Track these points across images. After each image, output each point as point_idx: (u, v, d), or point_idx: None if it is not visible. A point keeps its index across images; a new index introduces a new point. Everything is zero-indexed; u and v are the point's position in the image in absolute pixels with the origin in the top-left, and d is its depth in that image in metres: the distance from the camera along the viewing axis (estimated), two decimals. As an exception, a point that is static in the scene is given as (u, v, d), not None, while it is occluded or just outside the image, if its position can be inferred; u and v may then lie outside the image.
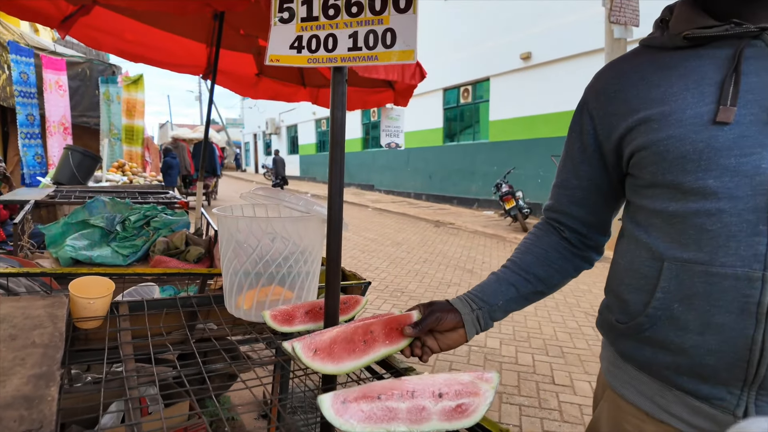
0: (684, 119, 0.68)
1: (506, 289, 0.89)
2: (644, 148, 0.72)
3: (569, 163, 0.88)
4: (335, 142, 0.94)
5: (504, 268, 0.93)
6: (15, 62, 5.66)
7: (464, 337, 0.87)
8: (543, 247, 0.92)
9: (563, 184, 0.90)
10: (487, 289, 0.90)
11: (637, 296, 0.75)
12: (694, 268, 0.66)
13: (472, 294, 0.90)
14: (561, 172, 0.91)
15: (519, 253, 0.94)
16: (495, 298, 0.89)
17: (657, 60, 0.75)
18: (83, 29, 2.86)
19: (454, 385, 0.66)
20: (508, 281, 0.90)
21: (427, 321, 0.84)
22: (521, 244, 0.96)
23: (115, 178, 4.94)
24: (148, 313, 1.10)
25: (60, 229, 2.40)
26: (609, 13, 6.33)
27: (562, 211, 0.91)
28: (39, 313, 0.86)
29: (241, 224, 1.09)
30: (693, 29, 0.70)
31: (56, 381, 0.62)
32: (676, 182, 0.68)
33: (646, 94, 0.73)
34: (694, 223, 0.66)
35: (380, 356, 0.80)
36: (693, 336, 0.67)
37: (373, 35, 0.88)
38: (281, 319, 1.00)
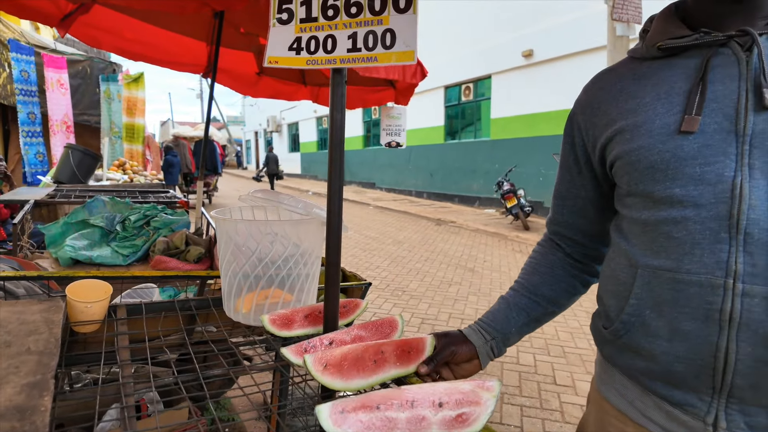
0: (653, 129, 0.69)
1: (517, 314, 0.89)
2: (619, 158, 0.73)
3: (566, 174, 0.89)
4: (334, 143, 0.93)
5: (512, 291, 0.92)
6: (15, 60, 5.65)
7: (479, 366, 0.87)
8: (548, 265, 0.91)
9: (563, 195, 0.91)
10: (499, 316, 0.89)
11: (615, 302, 0.77)
12: (663, 275, 0.67)
13: (485, 323, 0.89)
14: (559, 184, 0.91)
15: (526, 273, 0.93)
16: (507, 325, 0.88)
17: (636, 71, 0.76)
18: (83, 28, 2.85)
19: (455, 394, 0.65)
20: (518, 306, 0.89)
21: (441, 355, 0.84)
22: (527, 264, 0.95)
23: (115, 177, 4.94)
24: (146, 316, 1.10)
25: (60, 228, 2.39)
26: (611, 11, 6.29)
27: (563, 222, 0.91)
28: (35, 318, 0.85)
29: (239, 227, 1.08)
30: (666, 39, 0.71)
31: (50, 390, 0.61)
32: (648, 191, 0.69)
33: (624, 104, 0.74)
34: (663, 230, 0.68)
35: (390, 377, 0.79)
36: (662, 342, 0.68)
37: (373, 36, 0.87)
38: (280, 323, 0.99)
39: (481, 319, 0.91)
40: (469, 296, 4.65)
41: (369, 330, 0.92)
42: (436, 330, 3.74)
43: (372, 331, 0.92)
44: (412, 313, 4.15)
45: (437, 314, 4.12)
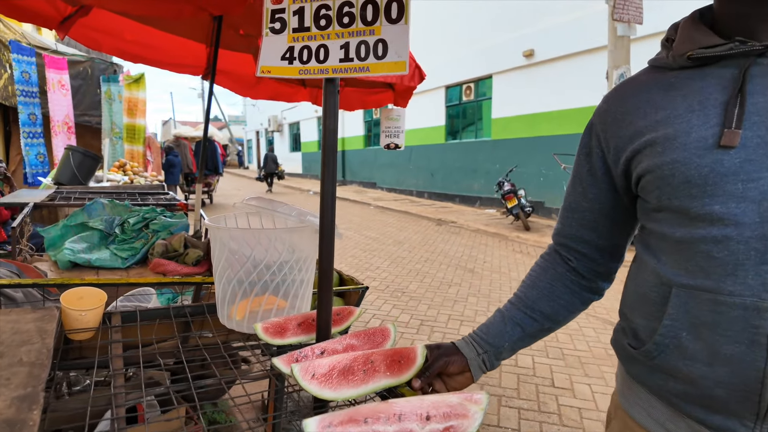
0: (688, 143, 0.66)
1: (512, 329, 0.87)
2: (649, 171, 0.70)
3: (578, 185, 0.85)
4: (327, 149, 0.93)
5: (510, 304, 0.91)
6: (17, 61, 5.66)
7: (471, 379, 0.86)
8: (549, 280, 0.89)
9: (573, 207, 0.87)
10: (493, 329, 0.88)
11: (646, 322, 0.74)
12: (702, 296, 0.64)
13: (478, 336, 0.89)
14: (570, 195, 0.88)
15: (525, 287, 0.91)
16: (501, 339, 0.87)
17: (662, 81, 0.73)
18: (82, 30, 2.86)
19: (443, 407, 0.65)
20: (513, 320, 0.88)
21: (434, 367, 0.83)
22: (527, 276, 0.93)
23: (116, 178, 4.95)
24: (141, 323, 1.10)
25: (59, 231, 2.40)
26: (612, 11, 6.28)
27: (571, 235, 0.88)
28: (28, 328, 0.85)
29: (233, 234, 1.09)
30: (697, 49, 0.68)
31: (39, 403, 0.61)
32: (683, 207, 0.66)
33: (652, 116, 0.71)
34: (701, 249, 0.64)
35: (380, 388, 0.79)
36: (701, 366, 0.65)
37: (365, 46, 0.87)
38: (273, 331, 0.99)
39: (476, 331, 0.90)
40: (469, 297, 4.65)
41: (361, 339, 0.93)
42: (435, 332, 3.74)
43: (364, 340, 0.93)
44: (411, 314, 4.15)
45: (436, 316, 4.12)
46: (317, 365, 0.77)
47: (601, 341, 3.57)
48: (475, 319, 4.04)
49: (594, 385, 2.90)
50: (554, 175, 9.12)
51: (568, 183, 0.89)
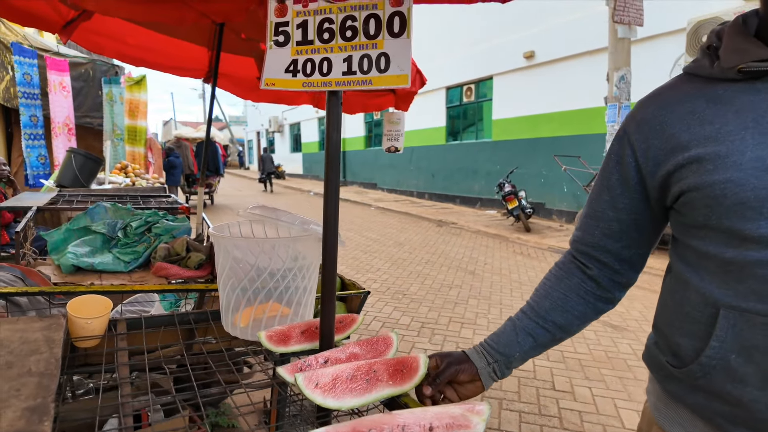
0: (743, 162, 0.63)
1: (523, 339, 0.87)
2: (696, 189, 0.67)
3: (606, 194, 0.82)
4: (330, 162, 0.94)
5: (522, 313, 0.89)
6: (18, 63, 5.68)
7: (481, 387, 0.86)
8: (563, 290, 0.87)
9: (598, 215, 0.84)
10: (504, 339, 0.88)
11: (689, 341, 0.72)
12: (755, 319, 0.62)
13: (489, 345, 0.88)
14: (595, 203, 0.85)
15: (538, 297, 0.89)
16: (511, 349, 0.86)
17: (707, 92, 0.70)
18: (85, 34, 2.87)
19: (445, 418, 0.66)
20: (525, 330, 0.87)
21: (444, 375, 0.84)
22: (541, 285, 0.91)
23: (117, 180, 4.96)
24: (146, 330, 1.11)
25: (62, 235, 2.41)
26: (612, 13, 6.29)
27: (594, 244, 0.85)
28: (36, 337, 0.87)
29: (238, 243, 1.10)
30: (750, 62, 0.65)
31: (50, 415, 0.63)
32: (734, 228, 0.64)
33: (698, 130, 0.68)
34: (755, 273, 0.62)
35: (383, 396, 0.80)
36: (753, 390, 0.63)
37: (368, 59, 0.88)
38: (277, 339, 1.00)
39: (486, 340, 0.89)
40: (470, 300, 4.66)
41: (364, 347, 0.94)
42: (436, 334, 3.75)
43: (367, 349, 0.94)
44: (412, 317, 4.16)
45: (437, 318, 4.13)
46: (320, 374, 0.78)
47: (601, 344, 3.58)
48: (475, 321, 4.05)
49: (594, 389, 2.91)
50: (555, 177, 9.13)
51: (593, 190, 0.86)
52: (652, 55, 7.39)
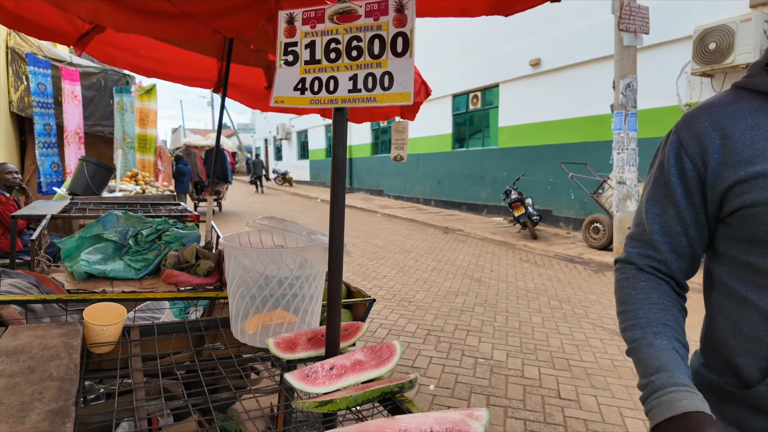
0: None
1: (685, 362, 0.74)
2: (761, 204, 0.67)
3: (671, 208, 0.79)
4: (337, 177, 0.98)
5: (667, 338, 0.74)
6: (33, 74, 5.82)
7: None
8: (669, 302, 0.79)
9: (665, 230, 0.80)
10: (683, 369, 0.70)
11: (751, 361, 0.70)
12: None
13: (686, 384, 0.67)
14: (659, 217, 0.81)
15: (659, 311, 0.77)
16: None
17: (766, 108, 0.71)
18: (98, 46, 2.96)
19: (445, 423, 0.69)
20: (685, 356, 0.74)
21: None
22: (645, 298, 0.79)
23: (128, 188, 5.05)
24: (158, 337, 1.15)
25: (75, 243, 2.47)
26: (618, 21, 6.32)
27: (664, 260, 0.81)
28: (55, 343, 0.91)
29: (247, 252, 1.14)
30: None
31: (72, 417, 0.66)
32: None
33: (764, 145, 0.68)
34: None
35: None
36: None
37: (372, 78, 0.92)
38: (284, 346, 1.04)
39: (684, 382, 0.67)
40: (476, 307, 4.67)
41: (368, 354, 0.97)
42: (442, 341, 3.76)
43: (371, 356, 0.97)
44: (418, 324, 4.18)
45: (443, 325, 4.14)
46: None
47: (607, 352, 3.58)
48: (481, 329, 4.06)
49: (600, 397, 2.91)
50: (562, 184, 9.12)
51: (651, 205, 0.82)
52: (659, 62, 7.39)
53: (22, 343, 0.89)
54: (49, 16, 2.47)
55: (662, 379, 0.67)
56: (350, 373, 0.91)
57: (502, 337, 3.88)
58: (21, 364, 0.81)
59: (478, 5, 1.78)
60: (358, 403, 0.83)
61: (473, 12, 1.80)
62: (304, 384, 0.86)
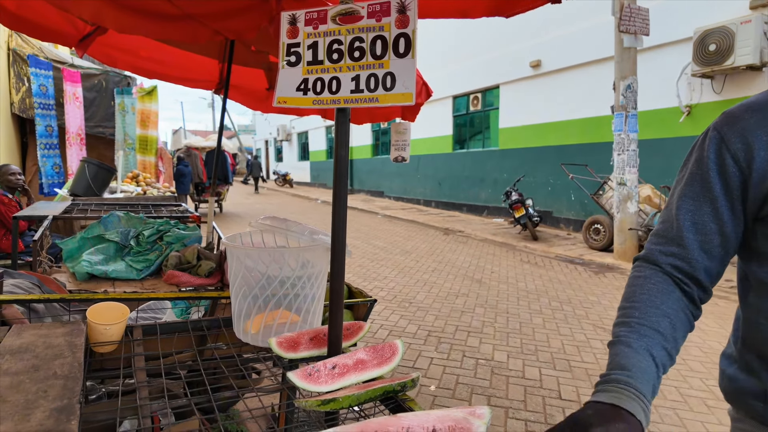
0: None
1: (660, 373, 0.70)
2: None
3: (707, 205, 0.77)
4: (339, 178, 0.98)
5: (650, 340, 0.71)
6: (34, 75, 5.83)
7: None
8: (675, 308, 0.75)
9: (698, 228, 0.77)
10: (648, 375, 0.67)
11: None
12: None
13: (637, 388, 0.63)
14: (692, 214, 0.78)
15: (654, 314, 0.73)
16: (653, 390, 0.67)
17: None
18: (100, 47, 2.97)
19: (447, 421, 0.69)
20: (664, 366, 0.71)
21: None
22: (647, 298, 0.76)
23: (129, 189, 5.06)
24: (161, 336, 1.15)
25: (76, 243, 2.48)
26: (618, 23, 6.32)
27: (690, 259, 0.77)
28: (59, 342, 0.91)
29: (250, 252, 1.14)
30: None
31: (76, 415, 0.67)
32: None
33: None
34: None
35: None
36: None
37: (374, 78, 0.93)
38: (287, 345, 1.04)
39: (629, 379, 0.65)
40: (476, 308, 4.67)
41: (370, 353, 0.97)
42: (443, 342, 3.76)
43: (373, 355, 0.97)
44: (419, 325, 4.18)
45: (444, 326, 4.14)
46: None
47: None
48: (482, 330, 4.06)
49: (601, 398, 2.90)
50: (562, 185, 9.13)
51: (685, 201, 0.79)
52: (659, 64, 7.40)
53: (26, 342, 0.90)
54: (50, 17, 2.49)
55: (620, 377, 0.64)
56: (352, 372, 0.92)
57: (503, 338, 3.88)
58: (25, 362, 0.82)
59: (478, 7, 1.79)
60: (361, 402, 0.83)
61: (473, 13, 1.81)
62: (306, 383, 0.86)
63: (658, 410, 2.75)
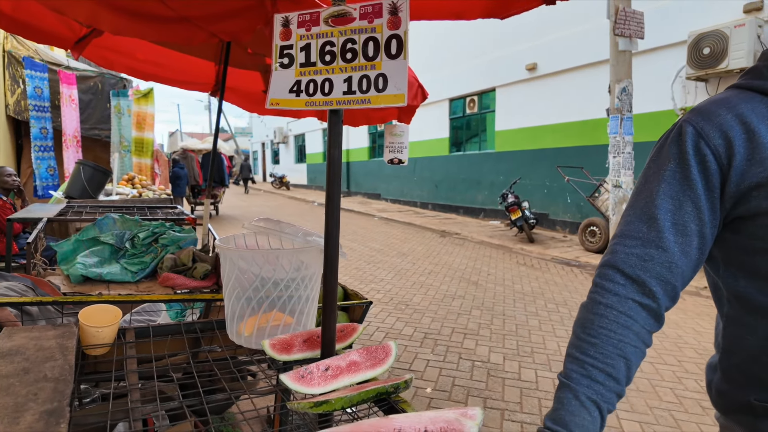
0: None
1: (603, 420, 0.70)
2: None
3: (689, 204, 0.72)
4: (332, 180, 0.99)
5: (600, 386, 0.69)
6: (30, 77, 5.81)
7: None
8: (634, 343, 0.71)
9: (678, 229, 0.72)
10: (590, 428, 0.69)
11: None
12: None
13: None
14: (674, 214, 0.72)
15: (608, 356, 0.70)
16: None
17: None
18: (96, 50, 2.96)
19: (439, 422, 0.69)
20: (608, 410, 0.70)
21: None
22: (605, 336, 0.71)
23: (125, 192, 5.04)
24: (153, 339, 1.15)
25: (71, 246, 2.47)
26: (613, 26, 6.36)
27: (671, 263, 0.72)
28: (50, 345, 0.91)
29: (243, 254, 1.14)
30: None
31: (66, 418, 0.66)
32: None
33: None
34: None
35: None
36: None
37: (366, 80, 0.93)
38: (280, 347, 1.04)
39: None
40: (473, 310, 4.67)
41: (363, 355, 0.97)
42: (439, 345, 3.76)
43: (366, 356, 0.97)
44: (415, 327, 4.18)
45: (440, 328, 4.14)
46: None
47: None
48: (478, 332, 4.06)
49: (597, 399, 2.91)
50: (558, 188, 9.15)
51: (665, 200, 0.74)
52: (654, 67, 7.45)
53: (16, 344, 0.89)
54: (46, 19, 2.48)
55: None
56: (345, 373, 0.92)
57: (499, 340, 3.88)
58: (16, 365, 0.81)
59: (473, 8, 1.80)
60: (354, 404, 0.83)
61: (468, 15, 1.82)
62: (299, 385, 0.86)
63: (654, 412, 2.76)
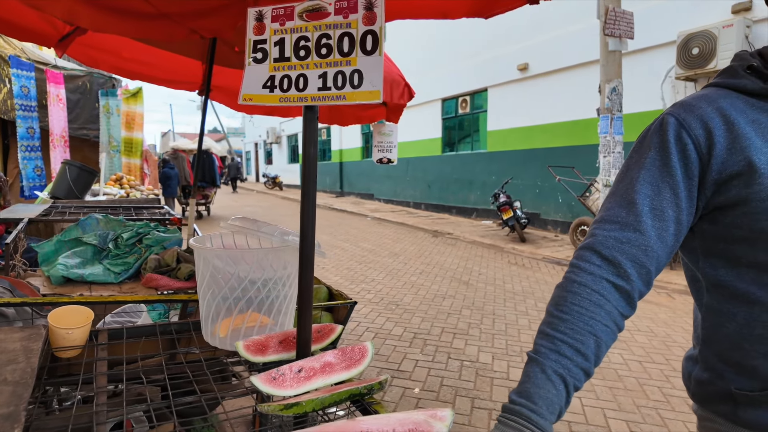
0: None
1: (569, 395, 0.68)
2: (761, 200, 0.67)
3: (667, 191, 0.73)
4: (307, 177, 0.97)
5: (568, 360, 0.67)
6: (16, 76, 5.74)
7: None
8: (605, 322, 0.69)
9: (656, 214, 0.72)
10: (555, 401, 0.66)
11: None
12: None
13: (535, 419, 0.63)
14: (652, 199, 0.73)
15: (578, 332, 0.68)
16: (559, 413, 0.66)
17: (762, 108, 0.73)
18: (80, 48, 2.91)
19: (408, 424, 0.68)
20: (575, 385, 0.68)
21: None
22: (576, 312, 0.70)
23: (112, 192, 4.99)
24: (127, 341, 1.13)
25: (53, 247, 2.42)
26: (603, 26, 6.39)
27: (646, 247, 0.72)
28: (14, 347, 0.88)
29: (218, 252, 1.12)
30: None
31: (21, 422, 0.64)
32: None
33: (759, 141, 0.69)
34: None
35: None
36: None
37: (342, 76, 0.91)
38: (254, 349, 1.02)
39: (535, 406, 0.64)
40: (463, 310, 4.66)
41: (338, 356, 0.96)
42: (428, 344, 3.75)
43: (341, 358, 0.95)
44: (405, 327, 4.16)
45: (430, 328, 4.13)
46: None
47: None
48: (468, 332, 4.06)
49: (584, 398, 2.91)
50: (549, 187, 9.19)
51: (644, 186, 0.74)
52: (644, 67, 7.49)
53: (-21, 347, 0.86)
54: (28, 17, 2.43)
55: (524, 411, 0.64)
56: (319, 375, 0.90)
57: (489, 339, 3.88)
58: (-24, 368, 0.79)
59: (458, 8, 1.79)
60: (325, 406, 0.81)
61: (453, 14, 1.81)
62: (270, 387, 0.84)
63: (641, 410, 2.76)
